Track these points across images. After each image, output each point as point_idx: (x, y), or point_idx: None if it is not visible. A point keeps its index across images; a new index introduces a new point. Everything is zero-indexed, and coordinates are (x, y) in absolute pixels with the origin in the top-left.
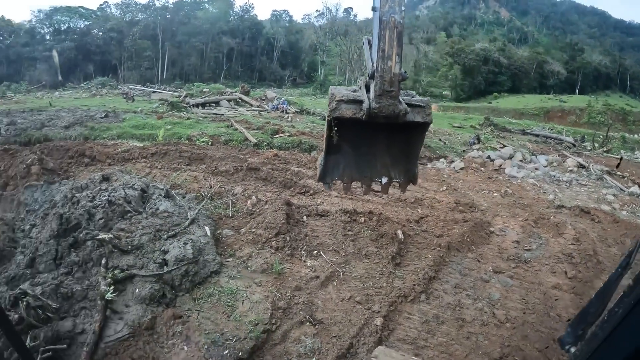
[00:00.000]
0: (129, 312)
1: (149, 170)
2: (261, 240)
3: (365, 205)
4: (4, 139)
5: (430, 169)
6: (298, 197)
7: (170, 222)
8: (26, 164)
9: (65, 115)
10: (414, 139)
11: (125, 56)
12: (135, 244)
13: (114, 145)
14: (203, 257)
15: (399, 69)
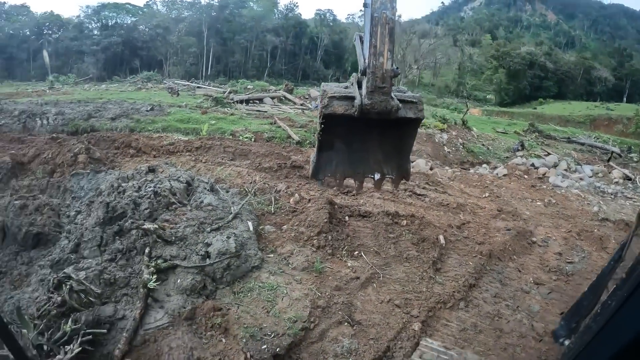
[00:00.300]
0: (169, 301)
1: (193, 163)
2: (303, 238)
3: (407, 208)
4: (53, 128)
5: (473, 175)
6: (341, 197)
7: (214, 215)
8: (74, 152)
9: (111, 108)
10: (407, 135)
11: (170, 52)
12: (179, 235)
13: (159, 138)
14: (245, 251)
15: (391, 65)
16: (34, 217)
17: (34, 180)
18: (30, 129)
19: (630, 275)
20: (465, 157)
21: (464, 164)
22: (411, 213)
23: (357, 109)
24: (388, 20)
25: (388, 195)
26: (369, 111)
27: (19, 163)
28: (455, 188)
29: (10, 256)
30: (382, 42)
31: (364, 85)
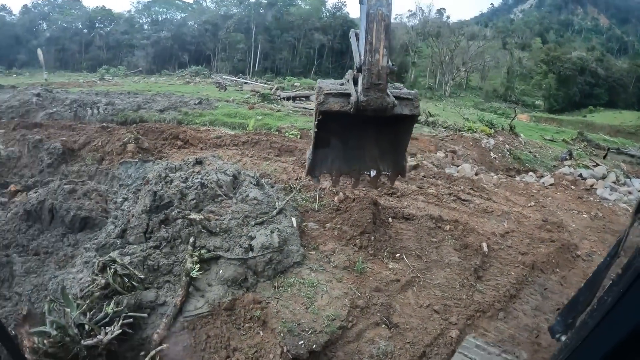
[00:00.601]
0: (210, 291)
1: (239, 157)
2: (345, 237)
3: (451, 213)
4: (102, 118)
5: (519, 182)
6: (385, 198)
7: (259, 209)
8: (123, 141)
9: (160, 100)
10: (402, 131)
11: (218, 47)
12: (223, 227)
13: (207, 131)
14: (287, 247)
15: (387, 62)
16: (82, 201)
17: (83, 167)
18: (81, 118)
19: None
20: (512, 164)
21: (509, 171)
22: (455, 218)
23: (353, 106)
24: (384, 16)
25: (432, 198)
26: (364, 108)
27: (69, 149)
28: (500, 195)
29: (57, 237)
30: (378, 39)
31: (359, 82)
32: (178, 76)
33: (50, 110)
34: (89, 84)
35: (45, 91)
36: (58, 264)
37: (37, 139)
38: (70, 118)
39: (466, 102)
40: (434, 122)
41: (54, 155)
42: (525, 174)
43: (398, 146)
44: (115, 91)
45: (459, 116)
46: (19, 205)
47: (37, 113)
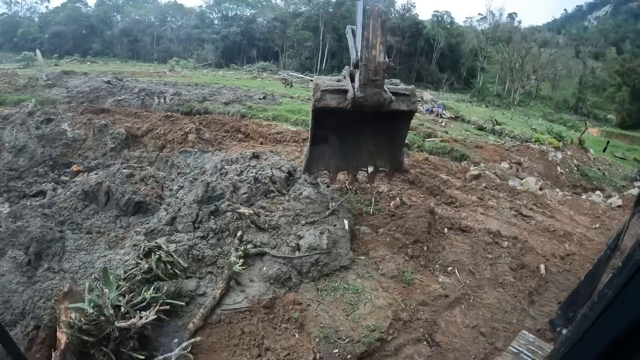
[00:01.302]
0: (252, 286)
1: (298, 154)
2: (397, 245)
3: (510, 229)
4: (168, 107)
5: (585, 201)
6: (442, 207)
7: (311, 209)
8: (184, 131)
9: (226, 93)
10: (399, 127)
11: (287, 44)
12: (272, 224)
13: (268, 126)
14: (336, 249)
15: (384, 58)
16: (138, 186)
17: (144, 153)
18: (148, 106)
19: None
20: (578, 181)
21: (575, 188)
22: (514, 235)
23: (350, 102)
24: (380, 12)
25: (492, 212)
26: (361, 104)
27: (133, 135)
28: (563, 213)
29: (111, 219)
30: (375, 35)
31: (356, 78)
32: (245, 71)
33: (119, 97)
34: (158, 74)
35: (115, 79)
36: (108, 244)
37: (102, 123)
38: (137, 106)
39: (535, 111)
40: (500, 131)
41: (118, 140)
42: (592, 193)
43: (395, 142)
44: (183, 82)
45: (526, 126)
46: (78, 184)
47: (105, 99)
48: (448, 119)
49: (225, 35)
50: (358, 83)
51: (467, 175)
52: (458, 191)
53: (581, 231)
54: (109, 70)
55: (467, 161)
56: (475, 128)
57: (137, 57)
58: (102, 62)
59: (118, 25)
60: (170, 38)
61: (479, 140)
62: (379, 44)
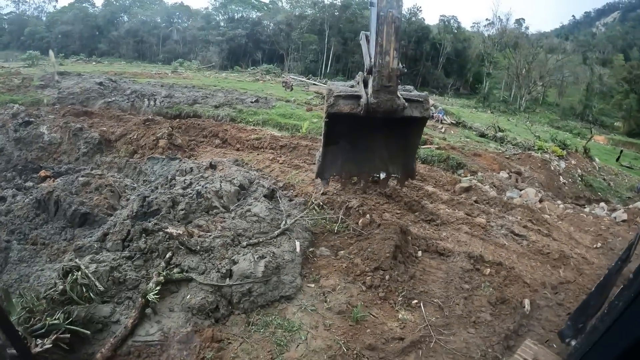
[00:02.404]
0: (169, 317)
1: (269, 163)
2: (355, 272)
3: (496, 252)
4: (158, 110)
5: (587, 216)
6: (420, 225)
7: (257, 228)
8: (156, 136)
9: (220, 95)
10: (412, 133)
11: (292, 47)
12: (205, 246)
13: (252, 131)
14: (279, 276)
15: (397, 64)
16: (91, 195)
17: (116, 158)
18: (137, 108)
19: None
20: (582, 192)
21: (579, 199)
22: (499, 260)
23: (363, 108)
24: (394, 18)
25: (478, 230)
26: (374, 110)
27: (106, 140)
28: (562, 231)
29: (57, 230)
30: (388, 41)
31: (369, 84)
32: (249, 73)
33: (109, 99)
34: (160, 75)
35: (108, 80)
36: (50, 257)
37: (77, 127)
38: (127, 108)
39: (541, 118)
40: (503, 138)
41: (90, 145)
42: (596, 205)
43: (407, 148)
44: (181, 84)
45: (530, 133)
46: (36, 192)
47: (96, 101)
48: (448, 125)
49: (230, 38)
50: (371, 89)
51: (456, 187)
52: (444, 206)
53: (580, 252)
54: (111, 71)
55: (464, 170)
56: (477, 135)
57: (142, 58)
58: (107, 62)
59: (124, 26)
60: (175, 39)
61: (479, 147)
62: (392, 50)
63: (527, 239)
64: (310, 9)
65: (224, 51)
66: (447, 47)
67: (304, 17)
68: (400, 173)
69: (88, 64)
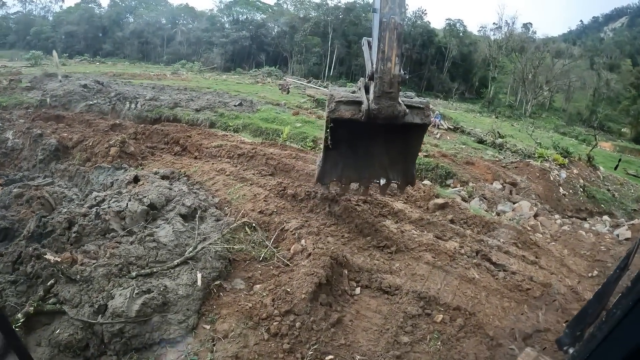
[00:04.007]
0: (34, 352)
1: (215, 174)
2: (260, 315)
3: (459, 289)
4: (138, 113)
5: (586, 233)
6: (369, 254)
7: (154, 255)
8: (109, 144)
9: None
10: (413, 140)
11: (295, 50)
12: (85, 275)
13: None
14: (165, 315)
15: (399, 70)
16: (19, 208)
17: (70, 166)
18: (118, 112)
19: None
20: (584, 204)
21: (580, 212)
22: (458, 303)
23: (364, 114)
24: (396, 25)
25: (444, 259)
26: (375, 116)
27: (64, 147)
28: (553, 255)
29: None
30: (390, 47)
31: (371, 90)
32: (250, 75)
33: (91, 102)
34: (158, 76)
35: (94, 82)
36: None
37: (37, 133)
38: (108, 111)
39: (546, 123)
40: (502, 145)
41: (47, 152)
42: (599, 218)
43: (408, 155)
44: (174, 86)
45: (532, 139)
46: None
47: (78, 104)
48: (445, 130)
49: (234, 40)
50: (373, 95)
51: (430, 204)
52: (411, 226)
53: (571, 284)
54: (110, 72)
55: (453, 180)
56: (475, 141)
57: (147, 59)
58: (110, 62)
59: (129, 27)
60: (180, 41)
61: (473, 155)
62: (394, 56)
63: (506, 269)
64: (314, 11)
65: (228, 53)
66: (452, 50)
67: (307, 20)
68: (400, 179)
69: (91, 64)
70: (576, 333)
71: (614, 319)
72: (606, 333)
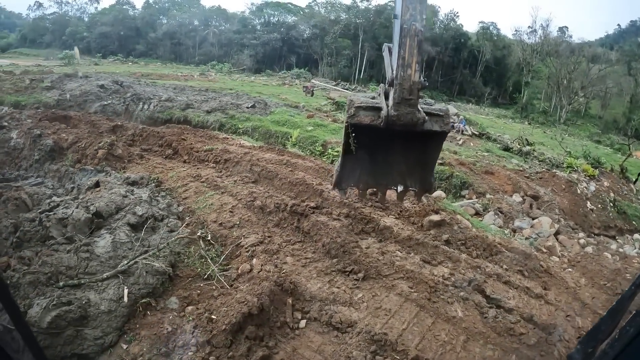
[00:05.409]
0: None
1: (190, 180)
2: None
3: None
4: (150, 114)
5: (612, 256)
6: (330, 279)
7: (84, 266)
8: (98, 146)
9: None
10: (431, 148)
11: (325, 52)
12: (14, 281)
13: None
14: (81, 330)
15: (419, 77)
16: None
17: (62, 167)
18: (131, 112)
19: None
20: (613, 220)
21: (608, 230)
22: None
23: (383, 120)
24: (417, 32)
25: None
26: (394, 122)
27: (59, 147)
28: (567, 285)
29: None
30: (411, 54)
31: (390, 96)
32: (279, 77)
33: (105, 102)
34: (185, 77)
35: (112, 82)
36: None
37: (37, 133)
38: (121, 111)
39: (581, 131)
40: (529, 153)
41: (42, 152)
42: (630, 236)
43: (426, 163)
44: (196, 87)
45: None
46: None
47: (93, 104)
48: (469, 137)
49: (265, 42)
50: (392, 101)
51: (424, 220)
52: (396, 247)
53: (582, 325)
54: (139, 72)
55: (469, 191)
56: (500, 148)
57: (179, 60)
58: (143, 63)
59: (162, 28)
60: (212, 42)
61: (495, 163)
62: (414, 63)
63: (501, 305)
64: (344, 14)
65: (259, 54)
66: (485, 54)
67: (338, 22)
68: (417, 187)
69: (124, 64)
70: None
71: (627, 336)
72: (618, 351)
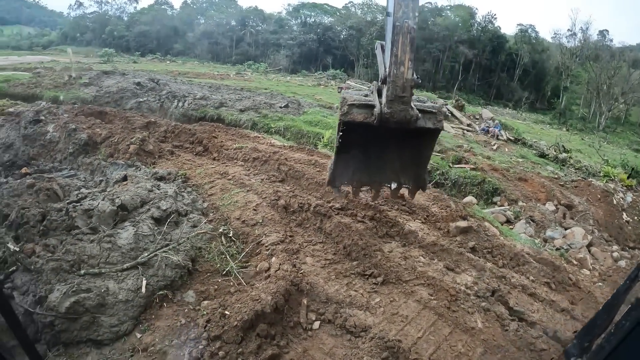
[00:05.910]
0: None
1: (217, 177)
2: (188, 335)
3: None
4: (184, 111)
5: None
6: (348, 281)
7: (106, 256)
8: (130, 141)
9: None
10: (425, 145)
11: (362, 53)
12: (37, 267)
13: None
14: (98, 317)
15: (412, 75)
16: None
17: (95, 160)
18: (166, 109)
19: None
20: (626, 235)
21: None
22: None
23: (377, 117)
24: (409, 29)
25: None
26: (388, 120)
27: (93, 142)
28: (595, 301)
29: None
30: (404, 52)
31: (384, 93)
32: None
33: (141, 99)
34: (221, 76)
35: (148, 80)
36: None
37: (72, 127)
38: (156, 108)
39: (620, 139)
40: (565, 160)
41: (77, 145)
42: None
43: (420, 160)
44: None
45: (599, 155)
46: None
47: (129, 100)
48: (504, 142)
49: (302, 42)
50: (385, 99)
51: (451, 226)
52: (419, 252)
53: None
54: (176, 70)
55: (501, 197)
56: (536, 154)
57: (216, 59)
58: (180, 62)
59: (200, 28)
60: (248, 42)
61: (529, 170)
62: (407, 60)
63: (524, 318)
64: (380, 15)
65: (295, 55)
66: (524, 57)
67: (374, 23)
68: (411, 184)
69: (162, 62)
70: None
71: (622, 330)
72: (614, 345)
